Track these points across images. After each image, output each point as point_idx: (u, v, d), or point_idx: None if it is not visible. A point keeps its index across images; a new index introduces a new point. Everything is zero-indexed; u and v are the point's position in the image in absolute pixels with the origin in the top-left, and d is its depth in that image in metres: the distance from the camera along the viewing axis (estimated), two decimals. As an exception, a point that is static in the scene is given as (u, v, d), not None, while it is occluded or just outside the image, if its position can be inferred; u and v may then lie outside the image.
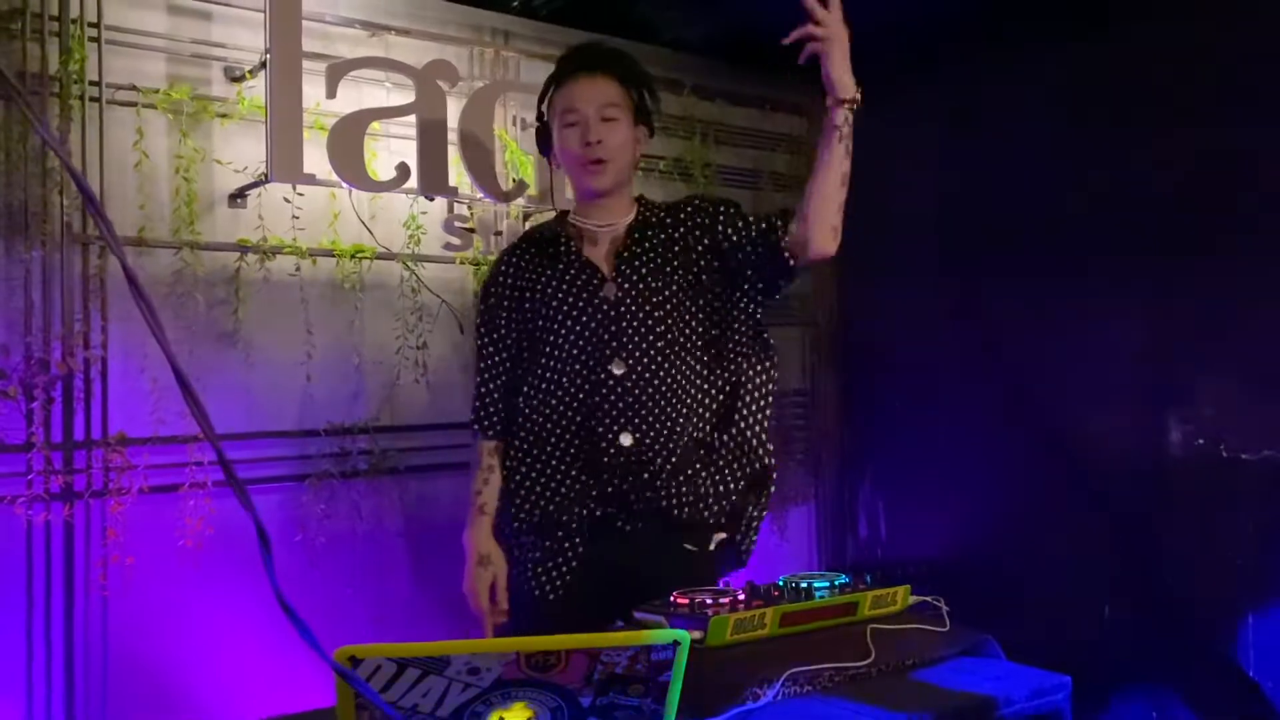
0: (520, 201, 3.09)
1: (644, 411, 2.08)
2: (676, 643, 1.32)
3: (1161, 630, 2.84)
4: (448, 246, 3.01)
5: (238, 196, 2.78)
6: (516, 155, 3.18)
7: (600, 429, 2.08)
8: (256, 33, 2.74)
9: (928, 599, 2.08)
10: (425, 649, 1.27)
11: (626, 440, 2.07)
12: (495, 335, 2.19)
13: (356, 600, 2.91)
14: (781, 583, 2.01)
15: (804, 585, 1.97)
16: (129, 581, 2.59)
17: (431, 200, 2.99)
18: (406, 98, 2.92)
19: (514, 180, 3.10)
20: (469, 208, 3.09)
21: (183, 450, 2.68)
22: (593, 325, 2.09)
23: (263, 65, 2.68)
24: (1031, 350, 3.28)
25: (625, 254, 2.13)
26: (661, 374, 2.10)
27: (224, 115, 2.77)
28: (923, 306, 3.62)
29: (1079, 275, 3.15)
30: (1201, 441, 3.05)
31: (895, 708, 1.69)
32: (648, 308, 2.10)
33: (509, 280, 2.19)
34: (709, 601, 1.89)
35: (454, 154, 2.98)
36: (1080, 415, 3.17)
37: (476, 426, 2.21)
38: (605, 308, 2.09)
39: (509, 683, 1.29)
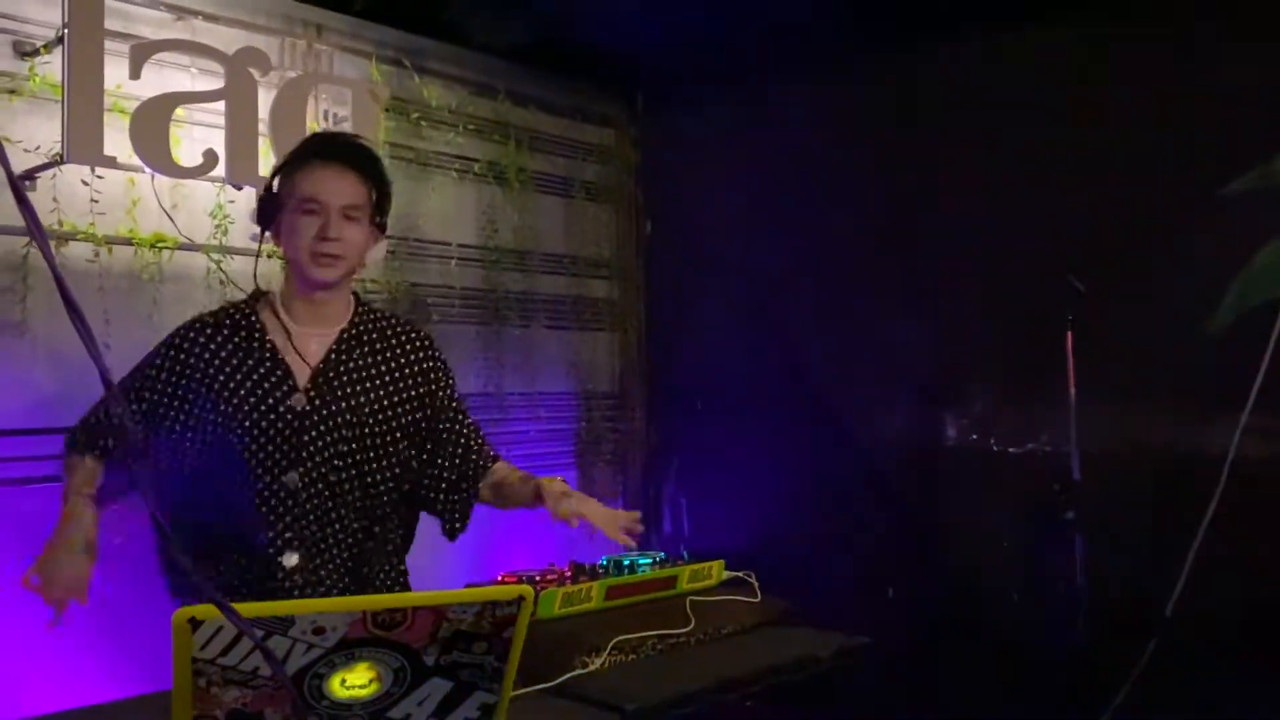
0: (333, 196, 3.05)
1: (314, 528, 1.96)
2: (521, 598, 1.36)
3: (942, 600, 3.10)
4: (255, 238, 2.93)
5: (28, 178, 2.62)
6: (328, 150, 3.13)
7: (265, 545, 1.95)
8: (48, 6, 2.59)
9: (739, 573, 2.22)
10: (270, 609, 1.26)
11: (292, 560, 1.95)
12: (149, 398, 1.98)
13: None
14: (604, 560, 2.09)
15: (626, 562, 2.06)
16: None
17: (239, 189, 2.90)
18: (211, 85, 2.84)
19: (326, 174, 3.05)
20: (278, 200, 3.02)
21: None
22: (272, 433, 1.95)
23: (59, 41, 2.54)
24: (827, 354, 3.50)
25: (326, 366, 2.01)
26: (338, 492, 1.98)
27: (12, 91, 2.60)
28: (725, 313, 3.79)
29: (870, 286, 3.39)
30: (975, 436, 3.34)
31: (714, 670, 1.79)
32: (334, 422, 1.98)
33: (187, 360, 1.99)
34: (536, 578, 1.94)
35: (263, 144, 2.91)
36: (870, 414, 3.41)
37: (87, 444, 1.98)
38: (289, 417, 1.96)
39: (354, 642, 1.29)
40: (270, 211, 2.03)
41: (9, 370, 2.61)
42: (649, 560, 2.08)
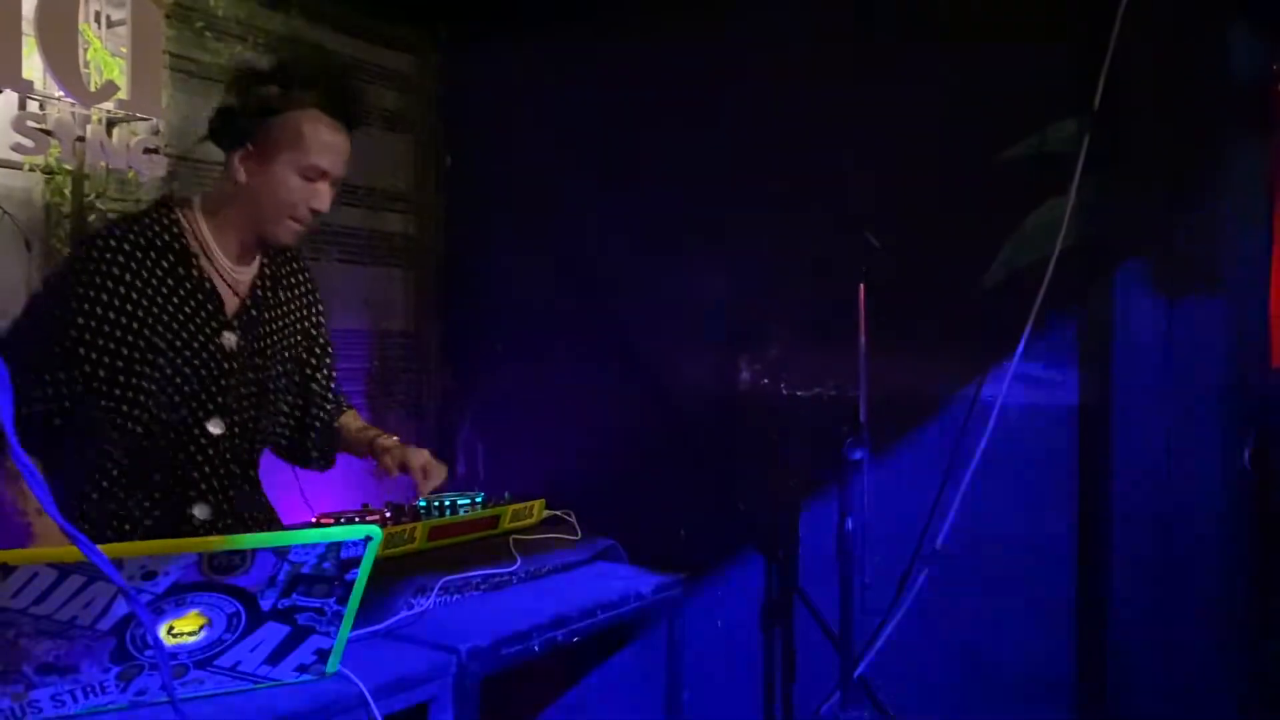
0: (108, 106, 2.78)
1: (228, 479, 1.88)
2: (368, 538, 1.31)
3: (739, 536, 3.23)
4: (16, 148, 2.63)
5: None
6: (101, 55, 2.84)
7: (178, 494, 1.83)
8: None
9: (558, 512, 2.22)
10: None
11: (204, 512, 1.84)
12: (60, 337, 1.72)
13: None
14: (423, 502, 2.04)
15: (447, 502, 2.02)
16: None
17: (-1, 94, 2.59)
18: (-35, -29, 2.51)
19: (100, 82, 2.78)
20: (42, 106, 2.72)
21: None
22: (198, 371, 1.81)
23: None
24: (629, 297, 3.52)
25: (251, 303, 1.90)
26: (252, 438, 1.92)
27: None
28: (528, 254, 3.74)
29: (674, 232, 3.43)
30: (767, 381, 3.47)
31: (542, 607, 1.79)
32: (257, 364, 1.89)
33: (104, 278, 1.73)
34: (356, 519, 1.88)
35: (27, 44, 2.61)
36: (671, 358, 3.47)
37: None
38: (220, 356, 1.84)
39: (187, 587, 1.20)
40: (242, 134, 1.80)
41: None
42: (467, 500, 2.04)
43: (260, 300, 1.92)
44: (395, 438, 2.01)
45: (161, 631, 1.22)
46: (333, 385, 2.12)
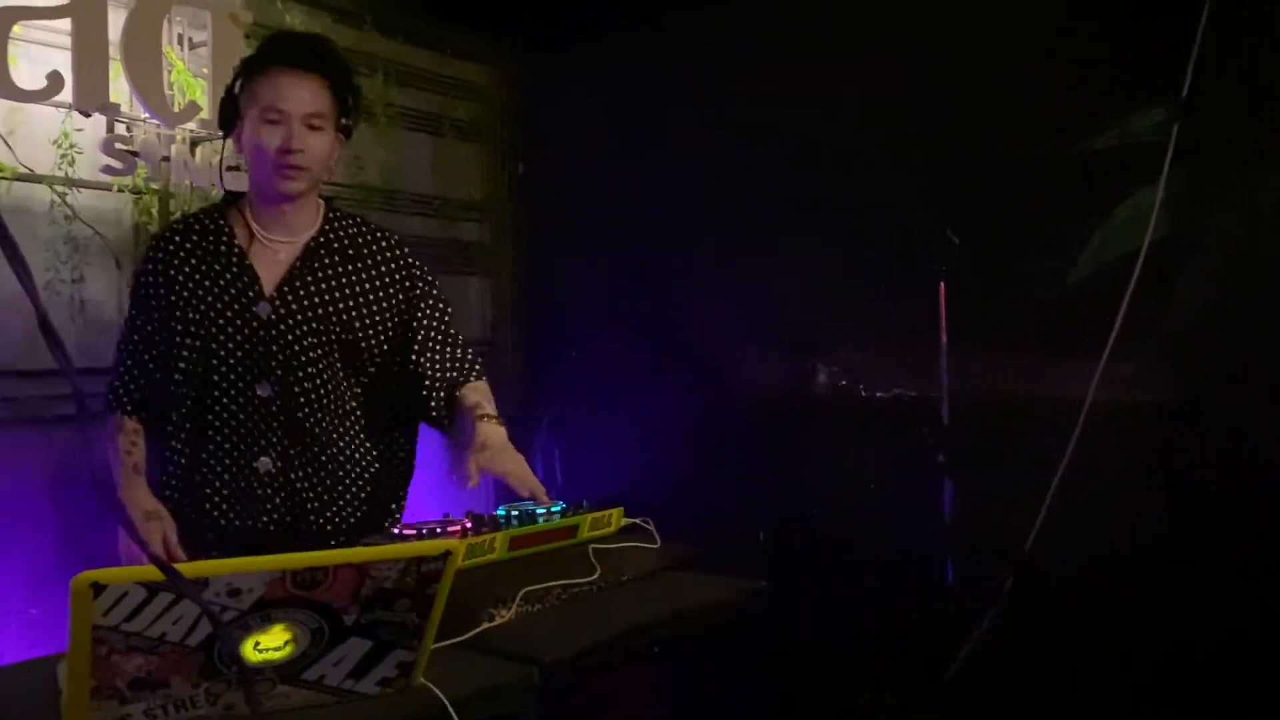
0: (191, 126, 2.85)
1: (287, 436, 1.98)
2: (448, 553, 1.31)
3: (819, 540, 3.19)
4: (106, 170, 2.72)
5: None
6: (184, 77, 2.91)
7: (242, 449, 1.98)
8: None
9: (638, 520, 2.21)
10: (183, 570, 1.17)
11: (265, 465, 1.97)
12: (143, 326, 2.01)
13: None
14: (503, 511, 2.05)
15: (527, 511, 2.02)
16: None
17: (88, 116, 2.67)
18: (55, 1, 2.59)
19: (183, 103, 2.85)
20: (129, 128, 2.80)
21: None
22: (239, 339, 1.96)
23: (-125, -59, 2.27)
24: (703, 301, 3.51)
25: (293, 274, 1.99)
26: (310, 399, 1.99)
27: None
28: (601, 260, 3.74)
29: (747, 234, 3.41)
30: (845, 383, 3.42)
31: (623, 617, 1.78)
32: (301, 331, 1.97)
33: (161, 270, 1.98)
34: (438, 530, 1.88)
35: (114, 68, 2.69)
36: (744, 363, 3.45)
37: (115, 403, 2.03)
38: (255, 324, 1.96)
39: (271, 603, 1.22)
40: (230, 117, 1.97)
41: None
42: (548, 510, 2.04)
43: (301, 271, 1.99)
44: (495, 423, 2.02)
45: (248, 647, 1.23)
46: (448, 356, 2.12)
